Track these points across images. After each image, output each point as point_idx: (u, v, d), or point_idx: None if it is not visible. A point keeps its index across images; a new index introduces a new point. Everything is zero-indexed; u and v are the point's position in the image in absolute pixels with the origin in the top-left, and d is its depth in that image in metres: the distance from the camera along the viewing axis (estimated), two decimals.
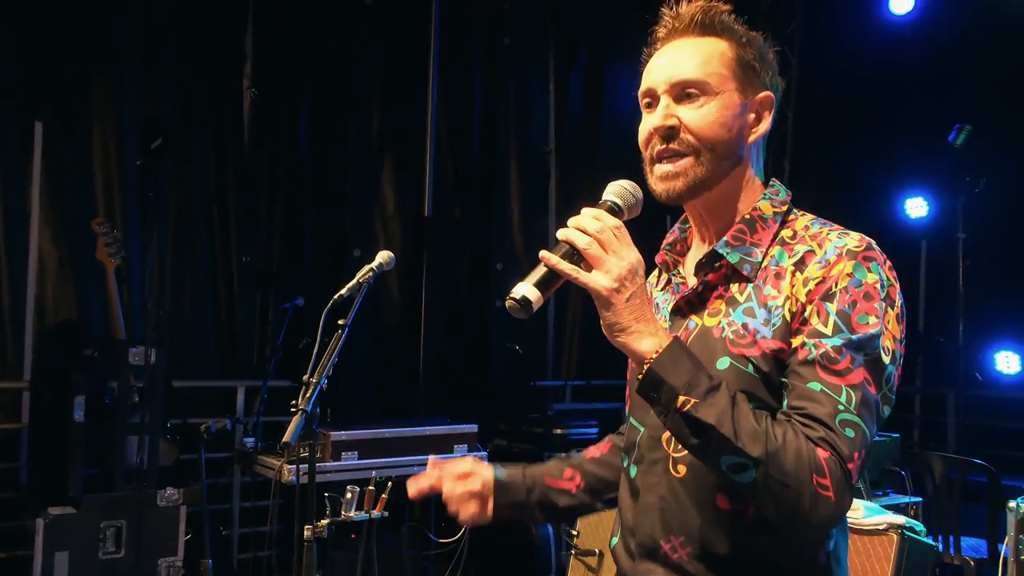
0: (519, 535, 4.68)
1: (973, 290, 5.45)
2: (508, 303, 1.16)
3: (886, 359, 1.18)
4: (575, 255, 1.15)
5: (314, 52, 5.13)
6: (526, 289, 1.15)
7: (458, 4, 5.64)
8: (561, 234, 1.17)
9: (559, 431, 4.78)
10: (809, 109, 6.85)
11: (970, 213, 5.42)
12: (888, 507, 3.62)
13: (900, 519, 3.13)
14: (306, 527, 2.06)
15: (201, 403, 4.61)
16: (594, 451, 1.60)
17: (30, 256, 4.32)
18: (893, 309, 1.21)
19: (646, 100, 1.33)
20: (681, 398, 1.12)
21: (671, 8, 1.33)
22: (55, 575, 3.53)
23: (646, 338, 1.15)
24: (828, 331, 1.17)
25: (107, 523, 3.64)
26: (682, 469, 1.26)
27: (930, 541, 3.31)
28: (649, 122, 1.30)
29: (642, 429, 1.33)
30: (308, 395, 1.68)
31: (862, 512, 3.14)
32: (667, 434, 1.27)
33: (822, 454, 1.11)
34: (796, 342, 1.19)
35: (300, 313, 4.39)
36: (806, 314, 1.19)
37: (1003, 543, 3.50)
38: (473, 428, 4.25)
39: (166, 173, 4.31)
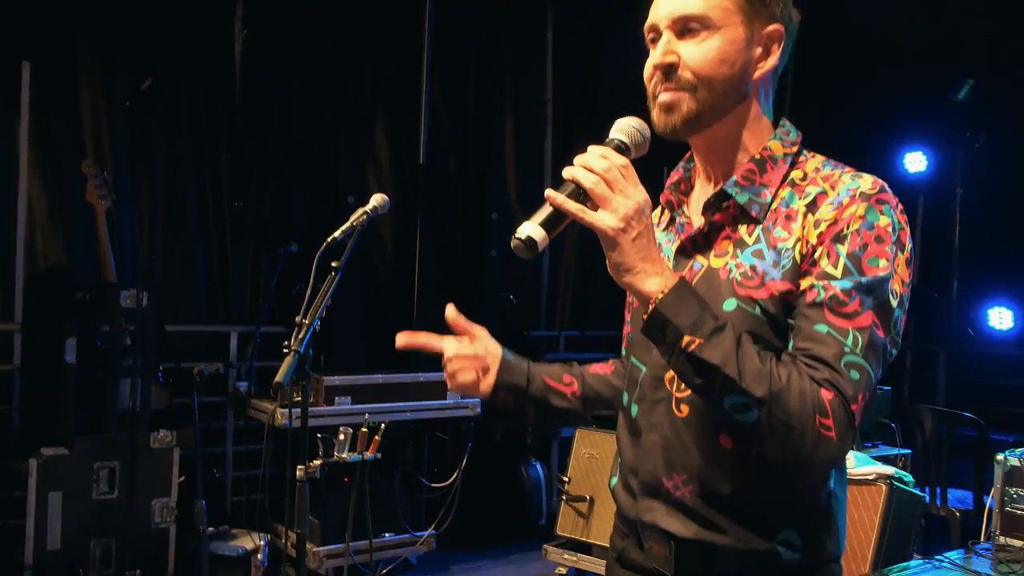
0: (511, 481, 4.73)
1: (968, 246, 5.46)
2: (513, 243, 1.14)
3: (894, 302, 1.17)
4: (581, 194, 1.13)
5: None
6: (531, 229, 1.13)
7: None
8: (567, 172, 1.14)
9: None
10: (811, 59, 6.77)
11: (968, 169, 5.40)
12: (878, 458, 3.66)
13: (889, 470, 3.16)
14: (299, 467, 2.07)
15: (194, 348, 4.60)
16: (597, 368, 1.59)
17: (19, 199, 4.27)
18: (903, 253, 1.19)
19: (650, 36, 1.29)
20: (686, 338, 1.11)
21: None
22: (48, 514, 3.56)
23: (652, 278, 1.14)
24: (838, 273, 1.15)
25: (100, 464, 3.66)
26: (685, 409, 1.25)
27: (918, 492, 3.35)
28: (651, 58, 1.27)
29: (644, 368, 1.32)
30: (301, 336, 1.67)
31: (852, 462, 3.17)
32: (670, 374, 1.26)
33: (826, 395, 1.10)
34: (805, 284, 1.18)
35: (293, 259, 4.38)
36: (816, 255, 1.17)
37: (989, 495, 3.54)
38: None
39: (157, 115, 4.23)
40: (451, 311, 1.52)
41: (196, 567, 3.65)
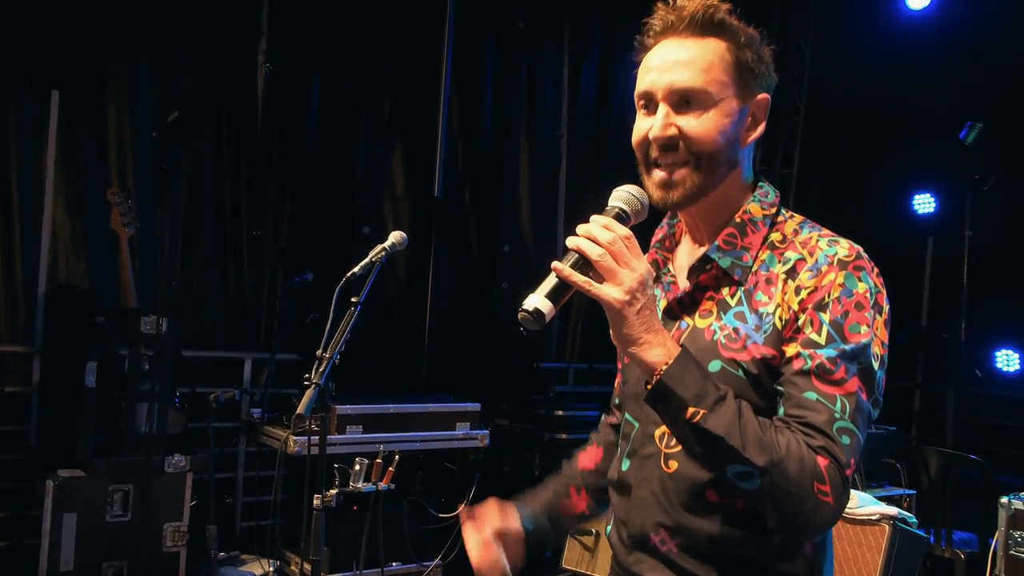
0: None
1: (977, 288, 5.48)
2: (521, 315, 1.16)
3: (876, 365, 1.22)
4: (585, 264, 1.16)
5: (329, 30, 5.15)
6: (538, 301, 1.15)
7: None
8: (571, 242, 1.17)
9: (560, 412, 4.84)
10: (822, 100, 6.86)
11: (977, 211, 5.44)
12: (883, 499, 3.69)
13: (893, 510, 3.19)
14: (315, 496, 2.13)
15: (208, 373, 4.67)
16: (587, 462, 1.62)
17: (43, 224, 4.37)
18: (881, 315, 1.25)
19: (642, 102, 1.31)
20: (690, 410, 1.14)
21: (668, 1, 1.30)
22: (63, 535, 3.61)
23: (656, 348, 1.17)
24: (822, 341, 1.20)
25: (115, 487, 3.72)
26: (673, 464, 1.29)
27: (921, 533, 3.37)
28: (646, 127, 1.29)
29: (636, 425, 1.36)
30: (321, 369, 1.74)
31: (856, 502, 3.20)
32: (660, 431, 1.31)
33: (822, 462, 1.15)
34: (790, 351, 1.22)
35: (308, 288, 4.45)
36: (799, 323, 1.22)
37: (994, 538, 3.55)
38: (476, 407, 4.32)
39: (181, 146, 4.34)
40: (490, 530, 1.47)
41: None
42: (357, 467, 2.55)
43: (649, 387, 1.18)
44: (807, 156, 7.00)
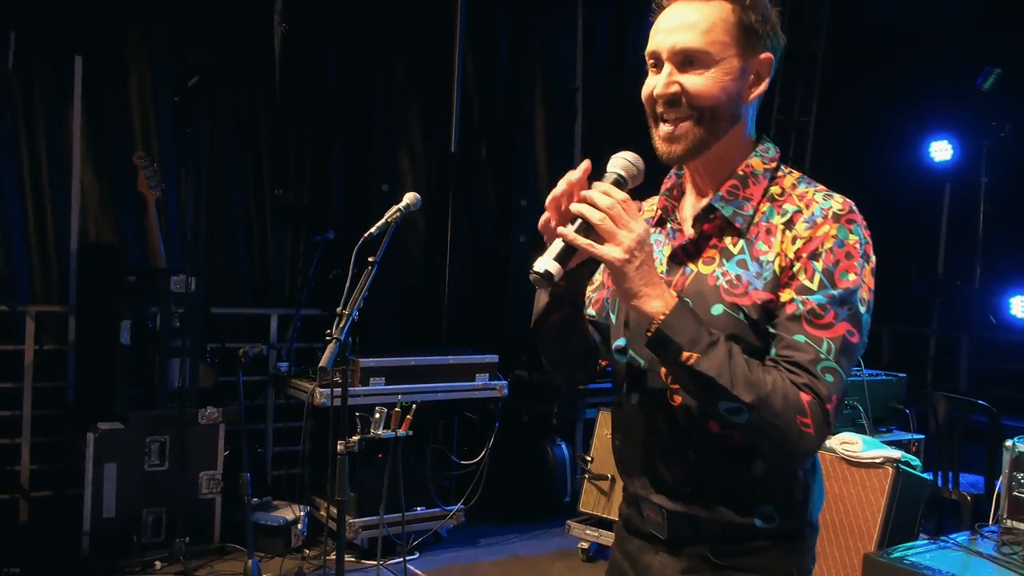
0: (536, 459, 4.92)
1: (993, 234, 5.50)
2: (532, 276, 1.28)
3: (863, 309, 1.32)
4: (588, 227, 1.26)
5: None
6: (547, 263, 1.27)
7: None
8: (575, 208, 1.28)
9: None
10: (840, 48, 6.80)
11: (994, 158, 5.43)
12: (891, 443, 3.78)
13: (896, 453, 3.30)
14: (339, 442, 2.27)
15: (236, 329, 4.82)
16: None
17: (72, 188, 4.50)
18: (869, 264, 1.34)
19: (651, 61, 1.39)
20: (685, 354, 1.26)
21: None
22: (104, 484, 3.82)
23: (654, 300, 1.28)
24: (814, 287, 1.30)
25: (152, 438, 3.91)
26: (678, 399, 1.39)
27: (926, 476, 3.47)
28: (653, 85, 1.37)
29: (642, 362, 1.46)
30: (341, 325, 1.86)
31: (860, 446, 3.31)
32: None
33: (804, 397, 1.26)
34: (785, 296, 1.32)
35: (330, 246, 4.57)
36: (794, 269, 1.31)
37: (998, 479, 3.65)
38: (494, 359, 4.45)
39: (202, 109, 4.44)
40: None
41: (241, 535, 3.89)
42: (377, 415, 2.70)
43: (649, 335, 1.29)
44: (825, 105, 6.97)
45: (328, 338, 1.88)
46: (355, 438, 2.32)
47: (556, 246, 1.28)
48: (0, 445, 4.23)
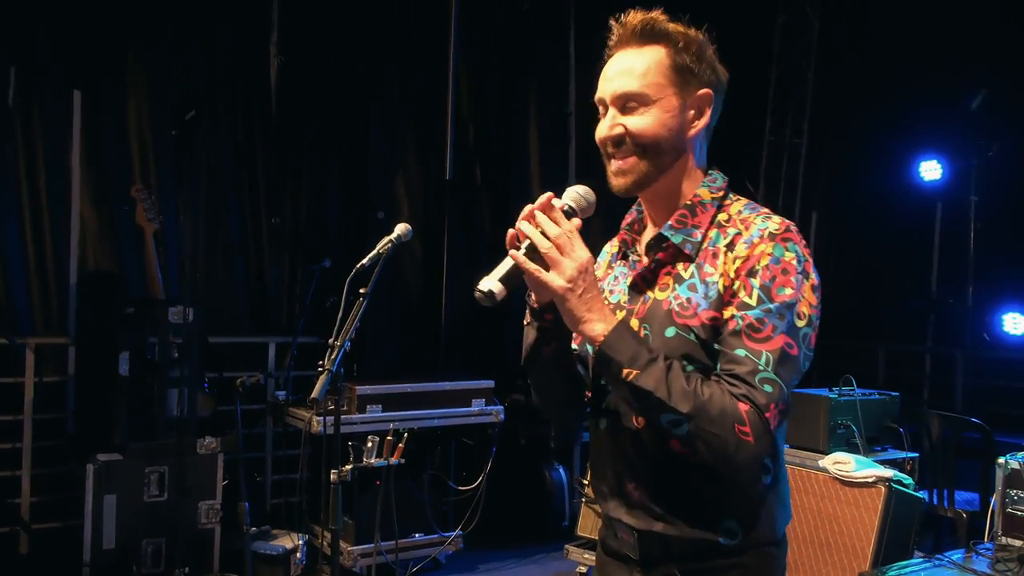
0: (534, 484, 4.94)
1: (984, 252, 5.56)
2: (476, 294, 1.37)
3: (801, 323, 1.39)
4: (536, 251, 1.36)
5: (338, 20, 5.28)
6: (491, 283, 1.36)
7: None
8: (525, 228, 1.38)
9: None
10: (829, 70, 6.89)
11: (982, 177, 5.50)
12: (885, 462, 3.80)
13: (888, 472, 3.32)
14: (332, 472, 2.30)
15: (234, 358, 4.86)
16: None
17: (72, 219, 4.55)
18: (808, 280, 1.41)
19: (600, 107, 1.51)
20: (625, 370, 1.35)
21: (618, 20, 1.50)
22: (104, 515, 3.83)
23: (597, 323, 1.37)
24: (753, 302, 1.37)
25: (151, 468, 3.93)
26: (641, 421, 1.47)
27: (920, 494, 3.49)
28: (600, 129, 1.49)
29: (611, 390, 1.52)
30: (333, 356, 1.89)
31: (853, 465, 3.33)
32: None
33: (742, 407, 1.33)
34: (727, 314, 1.39)
35: (326, 273, 4.62)
36: (735, 287, 1.39)
37: (993, 497, 3.66)
38: (490, 384, 4.48)
39: (199, 142, 4.50)
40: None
41: (240, 565, 3.90)
42: (369, 444, 2.73)
43: (592, 357, 1.37)
44: (816, 126, 7.04)
45: (320, 369, 1.92)
46: (348, 467, 2.35)
47: (504, 266, 1.37)
48: (1, 477, 4.25)
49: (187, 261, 4.09)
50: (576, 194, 1.47)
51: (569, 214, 1.43)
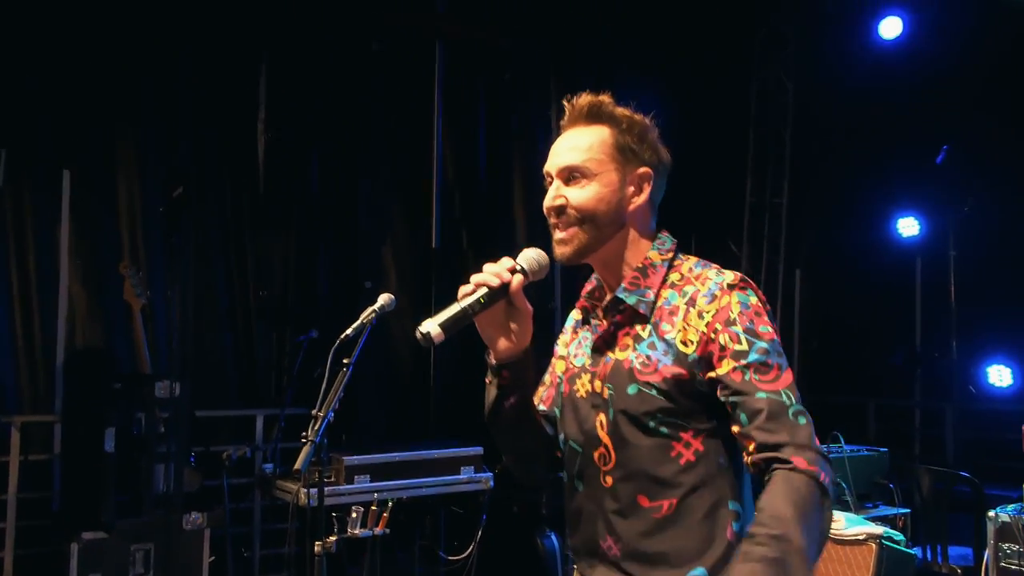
0: (527, 551, 4.87)
1: (965, 306, 5.63)
2: (417, 334, 1.44)
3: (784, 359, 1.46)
4: (491, 299, 1.48)
5: (325, 95, 5.41)
6: (430, 325, 1.44)
7: (460, 45, 5.92)
8: (475, 277, 1.50)
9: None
10: (806, 132, 7.05)
11: (960, 231, 5.61)
12: (877, 519, 3.80)
13: (879, 529, 3.31)
14: (316, 543, 2.29)
15: (222, 431, 4.84)
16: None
17: (60, 296, 4.58)
18: (775, 322, 1.49)
19: (547, 178, 1.60)
20: None
21: (570, 100, 1.61)
22: None
23: None
24: (745, 347, 1.42)
25: (137, 547, 3.88)
26: (610, 480, 1.52)
27: (913, 551, 3.48)
28: (546, 199, 1.59)
29: (580, 451, 1.58)
30: (316, 427, 1.91)
31: (843, 523, 3.32)
32: (598, 452, 1.54)
33: (802, 481, 1.33)
34: (725, 367, 1.42)
35: (315, 345, 4.62)
36: (720, 340, 1.43)
37: (985, 551, 3.65)
38: (479, 451, 4.46)
39: (188, 218, 4.57)
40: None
41: None
42: (354, 514, 2.72)
43: None
44: (795, 185, 7.17)
45: (303, 440, 1.94)
46: (332, 538, 2.35)
47: (447, 312, 1.46)
48: None
49: (175, 335, 4.11)
50: (529, 257, 1.55)
51: (522, 273, 1.52)
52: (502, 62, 6.12)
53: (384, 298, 2.58)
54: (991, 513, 3.61)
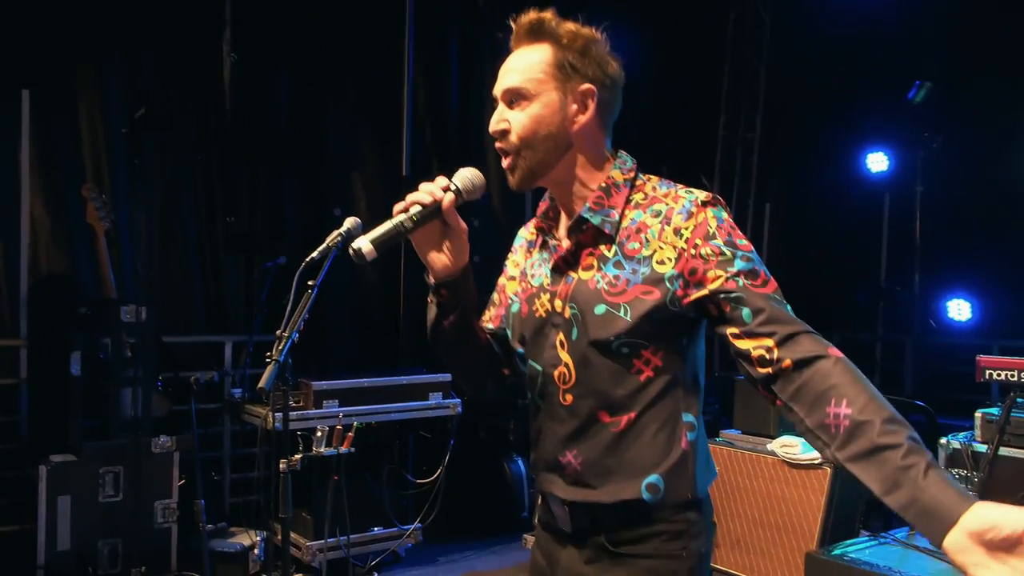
0: (494, 476, 4.98)
1: (929, 241, 5.71)
2: (350, 250, 1.45)
3: None
4: (424, 217, 1.48)
5: (293, 17, 5.27)
6: (362, 242, 1.44)
7: None
8: (411, 196, 1.50)
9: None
10: (781, 66, 7.02)
11: (927, 168, 5.65)
12: None
13: None
14: (282, 461, 2.32)
15: (191, 358, 4.84)
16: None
17: (22, 220, 4.50)
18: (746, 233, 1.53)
19: (495, 103, 1.57)
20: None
21: (515, 19, 1.57)
22: (58, 517, 3.80)
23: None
24: (729, 256, 1.43)
25: (106, 469, 3.90)
26: (570, 398, 1.53)
27: None
28: (490, 124, 1.56)
29: (540, 368, 1.58)
30: (280, 347, 1.92)
31: (799, 448, 3.42)
32: (558, 371, 1.54)
33: (837, 353, 1.38)
34: (715, 276, 1.42)
35: (283, 271, 4.61)
36: (704, 253, 1.43)
37: None
38: (447, 377, 4.51)
39: (151, 141, 4.47)
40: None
41: (197, 563, 3.89)
42: (319, 434, 2.75)
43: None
44: (768, 119, 7.17)
45: (268, 360, 1.94)
46: (297, 457, 2.38)
47: (379, 229, 1.46)
48: None
49: (140, 260, 4.07)
50: (464, 176, 1.54)
51: (456, 193, 1.51)
52: None
53: (350, 221, 2.55)
54: (943, 441, 3.72)
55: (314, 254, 2.50)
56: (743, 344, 1.40)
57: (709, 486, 1.57)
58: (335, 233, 2.58)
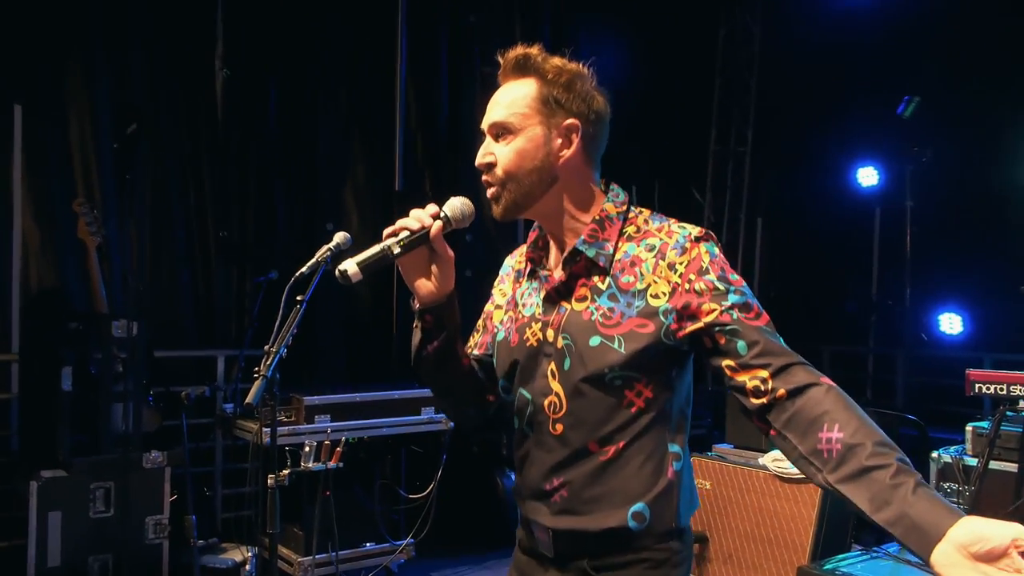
0: (486, 490, 4.97)
1: (920, 255, 5.74)
2: (336, 272, 1.46)
3: None
4: (412, 244, 1.50)
5: (284, 32, 5.30)
6: (348, 264, 1.45)
7: None
8: (400, 223, 1.51)
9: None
10: (772, 80, 7.07)
11: (917, 182, 5.69)
12: None
13: None
14: (270, 476, 2.32)
15: (182, 372, 4.82)
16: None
17: (14, 235, 4.49)
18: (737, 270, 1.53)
19: (482, 136, 1.58)
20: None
21: (502, 54, 1.58)
22: (49, 533, 3.77)
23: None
24: (723, 290, 1.44)
25: (96, 484, 3.89)
26: (559, 427, 1.53)
27: None
28: (477, 157, 1.57)
29: (530, 397, 1.58)
30: (268, 362, 1.92)
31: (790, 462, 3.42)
32: (548, 400, 1.54)
33: (828, 381, 1.39)
34: (709, 310, 1.43)
35: (274, 285, 4.61)
36: (698, 288, 1.44)
37: None
38: None
39: (142, 156, 4.48)
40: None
41: None
42: (307, 449, 2.74)
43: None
44: (759, 133, 7.22)
45: (255, 376, 1.95)
46: (285, 472, 2.38)
47: (367, 253, 1.47)
48: None
49: (130, 275, 4.07)
50: (454, 206, 1.56)
51: (445, 221, 1.53)
52: (466, 4, 6.03)
53: (340, 236, 2.56)
54: (934, 454, 3.73)
55: (303, 269, 2.51)
56: (739, 377, 1.42)
57: (691, 516, 1.58)
58: (324, 248, 2.59)
